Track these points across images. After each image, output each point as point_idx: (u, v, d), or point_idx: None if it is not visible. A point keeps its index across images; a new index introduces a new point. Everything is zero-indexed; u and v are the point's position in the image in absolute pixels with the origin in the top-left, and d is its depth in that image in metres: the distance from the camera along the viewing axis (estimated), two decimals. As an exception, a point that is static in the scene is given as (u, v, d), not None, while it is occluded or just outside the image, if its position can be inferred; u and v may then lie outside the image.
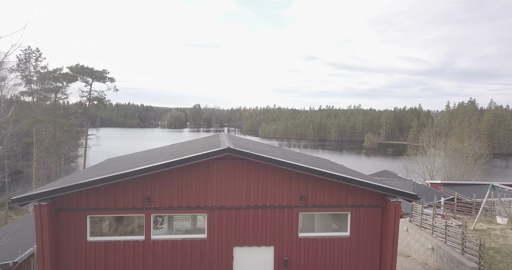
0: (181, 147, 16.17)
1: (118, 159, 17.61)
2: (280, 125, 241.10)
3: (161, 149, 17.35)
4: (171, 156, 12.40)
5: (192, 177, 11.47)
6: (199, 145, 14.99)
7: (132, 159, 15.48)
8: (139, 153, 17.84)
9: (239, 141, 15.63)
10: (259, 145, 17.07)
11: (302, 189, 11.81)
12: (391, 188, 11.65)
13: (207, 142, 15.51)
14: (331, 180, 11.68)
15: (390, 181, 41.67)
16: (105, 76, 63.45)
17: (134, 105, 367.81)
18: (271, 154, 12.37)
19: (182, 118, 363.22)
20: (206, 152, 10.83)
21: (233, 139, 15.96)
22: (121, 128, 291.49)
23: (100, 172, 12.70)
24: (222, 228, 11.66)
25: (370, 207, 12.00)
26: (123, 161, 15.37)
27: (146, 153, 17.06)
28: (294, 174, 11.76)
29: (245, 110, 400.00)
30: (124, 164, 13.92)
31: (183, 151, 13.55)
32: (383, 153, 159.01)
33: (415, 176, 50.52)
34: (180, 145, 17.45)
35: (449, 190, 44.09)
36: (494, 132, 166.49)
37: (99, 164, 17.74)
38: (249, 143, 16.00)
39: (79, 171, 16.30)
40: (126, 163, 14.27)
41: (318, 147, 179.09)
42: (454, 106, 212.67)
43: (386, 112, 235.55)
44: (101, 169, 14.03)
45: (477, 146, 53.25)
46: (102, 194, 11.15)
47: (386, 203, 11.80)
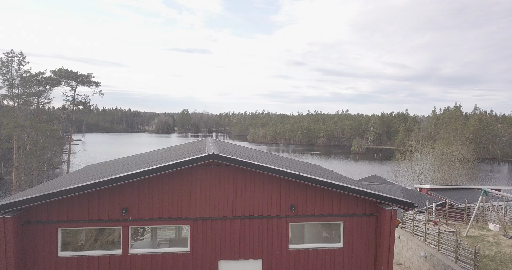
0: (164, 153, 15.33)
1: (98, 165, 16.64)
2: (269, 130, 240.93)
3: (143, 155, 16.45)
4: (152, 163, 11.56)
5: (173, 186, 10.64)
6: (183, 151, 14.17)
7: (112, 166, 14.56)
8: (121, 160, 16.90)
9: (225, 146, 14.86)
10: (246, 150, 16.33)
11: (292, 197, 11.07)
12: (386, 196, 11.01)
13: (191, 147, 14.69)
14: (322, 188, 10.99)
15: (379, 186, 41.27)
16: (90, 80, 62.05)
17: (121, 110, 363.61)
18: (259, 160, 11.63)
19: (170, 123, 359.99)
20: (189, 159, 10.03)
21: (220, 144, 15.18)
22: (108, 133, 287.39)
23: (74, 180, 11.77)
24: (206, 240, 10.82)
25: (364, 216, 11.32)
26: (102, 168, 14.44)
27: (128, 159, 16.14)
28: (284, 182, 11.02)
29: (234, 115, 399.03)
30: (103, 171, 13.01)
31: (166, 157, 12.72)
32: (371, 157, 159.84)
33: (404, 181, 50.34)
34: (164, 151, 16.59)
35: (438, 194, 43.94)
36: (479, 136, 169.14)
37: (77, 171, 16.75)
38: (236, 149, 15.25)
39: (52, 180, 15.27)
40: (104, 170, 13.36)
41: (306, 152, 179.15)
42: (440, 111, 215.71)
43: (373, 117, 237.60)
44: (76, 177, 13.09)
45: (464, 151, 53.48)
46: (74, 205, 10.22)
47: (380, 211, 11.14)
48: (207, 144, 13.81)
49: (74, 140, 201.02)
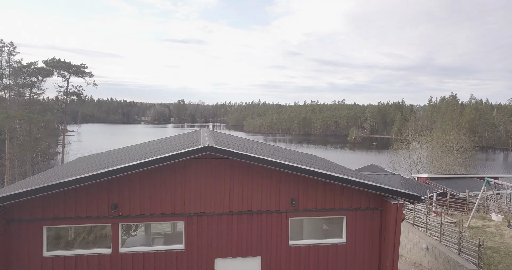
0: (158, 144, 14.64)
1: (89, 158, 15.95)
2: (266, 120, 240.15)
3: (135, 147, 15.74)
4: (144, 156, 10.89)
5: (166, 180, 9.99)
6: (177, 142, 13.50)
7: (103, 158, 13.88)
8: (112, 152, 16.20)
9: (221, 137, 14.20)
10: (243, 141, 15.67)
11: (293, 191, 10.47)
12: (391, 189, 10.43)
13: (186, 139, 14.01)
14: (324, 181, 10.39)
15: (377, 176, 40.87)
16: (83, 71, 60.84)
17: (117, 101, 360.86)
18: (257, 152, 10.99)
19: (166, 113, 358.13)
20: (182, 152, 9.36)
21: (215, 135, 14.51)
22: (104, 124, 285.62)
23: (62, 174, 11.10)
24: (201, 237, 10.23)
25: (368, 210, 10.77)
26: (93, 161, 13.76)
27: (119, 151, 15.45)
28: (284, 175, 10.41)
29: (230, 105, 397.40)
30: (92, 164, 12.34)
31: (158, 149, 12.05)
32: (367, 147, 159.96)
33: (401, 170, 50.04)
34: (157, 142, 15.90)
35: (436, 184, 43.69)
36: (475, 125, 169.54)
37: (66, 164, 16.05)
38: (233, 140, 14.59)
39: (39, 173, 14.58)
40: (94, 163, 12.69)
41: (303, 141, 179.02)
42: (436, 101, 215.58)
43: (370, 107, 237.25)
44: (65, 171, 12.41)
45: (462, 140, 53.15)
46: (60, 202, 9.57)
47: (385, 205, 10.59)
48: (202, 136, 13.14)
49: (69, 131, 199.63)
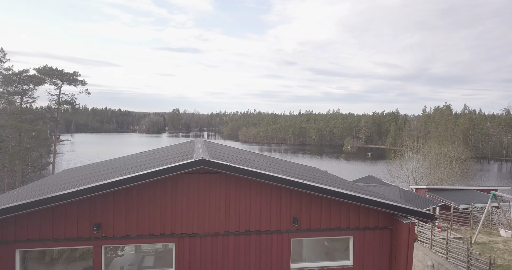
0: (148, 156, 13.71)
1: (74, 170, 14.94)
2: (261, 129, 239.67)
3: (124, 159, 14.76)
4: (132, 169, 9.96)
5: (156, 197, 9.05)
6: (169, 154, 12.58)
7: (89, 171, 12.91)
8: (100, 164, 15.21)
9: (216, 149, 13.31)
10: (240, 153, 14.78)
11: (295, 209, 9.57)
12: (403, 207, 9.56)
13: (178, 150, 13.10)
14: (329, 198, 9.51)
15: (375, 187, 40.07)
16: (76, 79, 59.84)
17: (111, 110, 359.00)
18: (255, 165, 10.11)
19: (160, 123, 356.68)
20: (173, 166, 8.45)
21: (210, 146, 13.62)
22: (98, 133, 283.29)
23: (42, 190, 10.11)
24: (194, 260, 9.26)
25: (377, 230, 9.87)
26: (77, 174, 12.76)
27: (108, 163, 14.47)
28: (285, 191, 9.51)
29: (225, 114, 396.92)
30: (76, 178, 11.37)
31: (148, 162, 11.11)
32: (363, 157, 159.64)
33: (399, 181, 49.30)
34: (148, 153, 14.95)
35: (435, 195, 42.91)
36: (469, 135, 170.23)
37: (49, 177, 15.00)
38: (229, 151, 13.70)
39: (19, 188, 13.53)
40: (78, 177, 11.71)
41: (298, 151, 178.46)
42: (430, 111, 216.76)
43: (364, 117, 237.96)
44: (46, 185, 11.42)
45: (460, 150, 52.67)
46: (36, 222, 8.57)
47: (396, 224, 9.70)
48: (195, 147, 12.24)
49: (62, 140, 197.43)
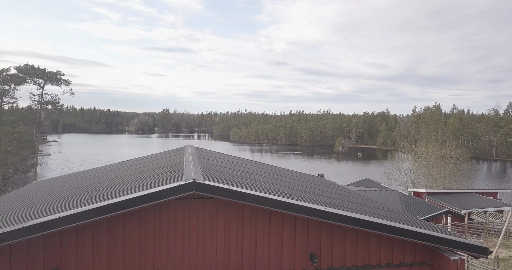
0: (130, 168, 11.58)
1: (41, 186, 12.70)
2: (252, 130, 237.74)
3: (101, 172, 12.55)
4: (105, 191, 7.87)
5: (133, 231, 6.98)
6: (153, 167, 10.48)
7: (55, 190, 10.75)
8: (72, 178, 12.98)
9: (210, 159, 11.25)
10: (238, 163, 12.73)
11: (313, 242, 7.56)
12: (448, 238, 7.61)
13: (165, 162, 11.00)
14: (355, 228, 7.54)
15: (374, 192, 38.40)
16: (59, 78, 57.06)
17: (100, 110, 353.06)
18: (260, 185, 8.12)
19: (150, 123, 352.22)
20: (155, 191, 6.37)
21: (203, 156, 11.55)
22: (86, 134, 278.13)
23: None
24: (184, 312, 7.20)
25: (414, 266, 7.95)
26: (37, 196, 10.56)
27: (81, 178, 12.28)
28: (300, 220, 7.52)
29: (216, 114, 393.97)
30: (33, 202, 9.22)
31: (126, 180, 9.01)
32: (354, 157, 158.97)
33: (397, 184, 47.83)
34: (130, 164, 12.79)
35: (434, 199, 41.39)
36: (459, 135, 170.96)
37: (3, 198, 12.68)
38: (225, 162, 11.66)
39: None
40: (37, 201, 9.54)
41: (289, 151, 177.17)
42: (420, 111, 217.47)
43: (355, 117, 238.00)
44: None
45: (458, 152, 51.49)
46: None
47: (439, 260, 7.77)
48: (185, 158, 10.17)
49: (49, 141, 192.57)
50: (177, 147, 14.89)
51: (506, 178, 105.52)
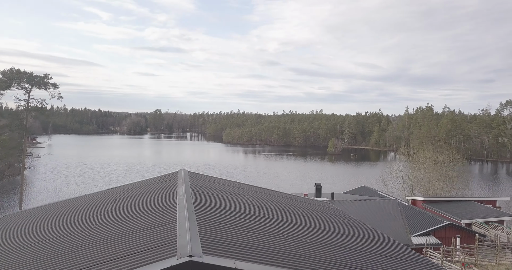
0: (114, 207, 10.26)
1: (11, 226, 11.28)
2: (245, 130, 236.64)
3: (80, 213, 11.12)
4: (76, 259, 6.60)
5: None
6: (141, 211, 9.19)
7: (27, 239, 9.41)
8: (48, 217, 11.57)
9: (208, 196, 9.99)
10: (240, 195, 11.48)
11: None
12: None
13: (155, 204, 9.69)
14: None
15: (373, 201, 37.49)
16: (46, 82, 55.07)
17: (91, 111, 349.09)
18: (269, 241, 6.91)
19: (142, 123, 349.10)
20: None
21: (200, 191, 10.27)
22: (77, 135, 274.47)
23: None
24: None
25: None
26: (6, 247, 9.19)
27: (56, 219, 10.89)
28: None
29: (209, 115, 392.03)
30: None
31: (106, 235, 7.71)
32: (347, 158, 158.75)
33: (394, 191, 46.97)
34: (115, 199, 11.43)
35: (433, 208, 40.60)
36: (451, 136, 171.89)
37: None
38: (226, 197, 10.41)
39: None
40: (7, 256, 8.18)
41: (282, 152, 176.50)
42: (413, 111, 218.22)
43: (348, 117, 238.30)
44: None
45: (456, 158, 50.83)
46: None
47: None
48: (178, 198, 8.91)
49: (39, 143, 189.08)
50: (170, 173, 13.61)
51: (498, 179, 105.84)
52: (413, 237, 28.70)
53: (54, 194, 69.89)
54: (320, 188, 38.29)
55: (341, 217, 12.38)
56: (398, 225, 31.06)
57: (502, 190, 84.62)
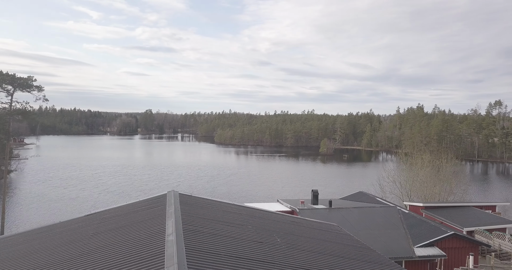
0: (90, 247, 8.60)
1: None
2: (237, 131, 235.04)
3: (53, 248, 9.45)
4: None
5: None
6: (122, 253, 7.56)
7: None
8: (20, 252, 9.88)
9: (201, 233, 8.40)
10: (239, 226, 9.89)
11: None
12: None
13: (138, 247, 8.06)
14: None
15: (371, 209, 36.08)
16: (30, 84, 52.69)
17: (81, 111, 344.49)
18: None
19: (132, 124, 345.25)
20: None
21: (192, 222, 8.68)
22: (66, 136, 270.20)
23: None
24: None
25: None
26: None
27: (27, 253, 9.20)
28: None
29: (200, 115, 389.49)
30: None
31: None
32: (339, 159, 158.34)
33: (392, 197, 45.79)
34: (92, 233, 9.76)
35: (432, 215, 39.37)
36: (442, 137, 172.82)
37: None
38: (223, 232, 8.82)
39: None
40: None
41: (275, 153, 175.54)
42: (404, 111, 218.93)
43: (340, 117, 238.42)
44: None
45: (454, 161, 49.86)
46: None
47: None
48: (167, 238, 7.32)
49: (27, 144, 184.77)
50: (158, 195, 11.95)
51: (489, 180, 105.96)
52: (416, 248, 27.40)
53: (39, 198, 67.61)
54: (317, 195, 36.81)
55: (355, 247, 10.86)
56: (399, 235, 29.75)
57: (494, 191, 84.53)
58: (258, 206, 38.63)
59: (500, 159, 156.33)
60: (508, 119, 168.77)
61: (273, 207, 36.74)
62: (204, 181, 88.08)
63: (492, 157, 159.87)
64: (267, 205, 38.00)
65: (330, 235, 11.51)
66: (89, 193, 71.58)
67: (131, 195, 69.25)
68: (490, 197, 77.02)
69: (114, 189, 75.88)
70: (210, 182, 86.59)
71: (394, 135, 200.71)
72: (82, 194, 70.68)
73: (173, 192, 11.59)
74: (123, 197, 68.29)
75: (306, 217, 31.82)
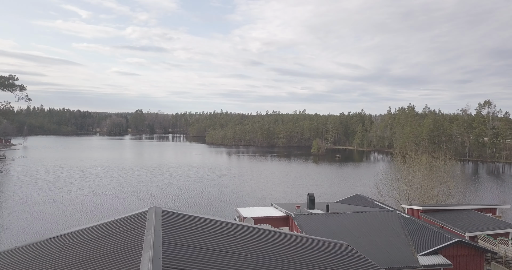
0: None
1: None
2: (228, 131, 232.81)
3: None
4: None
5: None
6: None
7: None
8: None
9: (185, 260, 6.58)
10: (233, 252, 8.04)
11: None
12: None
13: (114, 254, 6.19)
14: None
15: (370, 213, 34.51)
16: (12, 84, 50.31)
17: (70, 111, 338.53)
18: None
19: (122, 124, 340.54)
20: None
21: (178, 259, 6.87)
22: (54, 136, 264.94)
23: None
24: None
25: None
26: None
27: None
28: None
29: (191, 115, 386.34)
30: None
31: None
32: (331, 159, 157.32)
33: (390, 200, 44.35)
34: (67, 253, 7.86)
35: (432, 218, 37.94)
36: (433, 137, 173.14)
37: None
38: (212, 262, 7.00)
39: None
40: None
41: (266, 153, 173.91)
42: (395, 111, 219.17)
43: (331, 117, 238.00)
44: None
45: (452, 163, 48.70)
46: None
47: None
48: (144, 255, 5.47)
49: (14, 145, 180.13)
50: (138, 213, 10.05)
51: (479, 179, 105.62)
52: (419, 257, 25.87)
53: (23, 200, 64.90)
54: (313, 199, 35.19)
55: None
56: (400, 242, 28.22)
57: (486, 191, 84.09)
58: (252, 210, 36.98)
59: (490, 158, 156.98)
60: (498, 118, 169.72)
61: (267, 211, 35.02)
62: (194, 182, 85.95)
63: (483, 156, 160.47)
64: (260, 210, 36.24)
65: (341, 259, 9.75)
66: (75, 195, 69.04)
67: (118, 197, 67.06)
68: (482, 197, 76.39)
69: (101, 191, 73.41)
70: (200, 183, 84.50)
71: (385, 135, 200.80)
72: (68, 197, 68.09)
73: (155, 209, 9.72)
74: (111, 199, 66.14)
75: (303, 223, 30.28)
